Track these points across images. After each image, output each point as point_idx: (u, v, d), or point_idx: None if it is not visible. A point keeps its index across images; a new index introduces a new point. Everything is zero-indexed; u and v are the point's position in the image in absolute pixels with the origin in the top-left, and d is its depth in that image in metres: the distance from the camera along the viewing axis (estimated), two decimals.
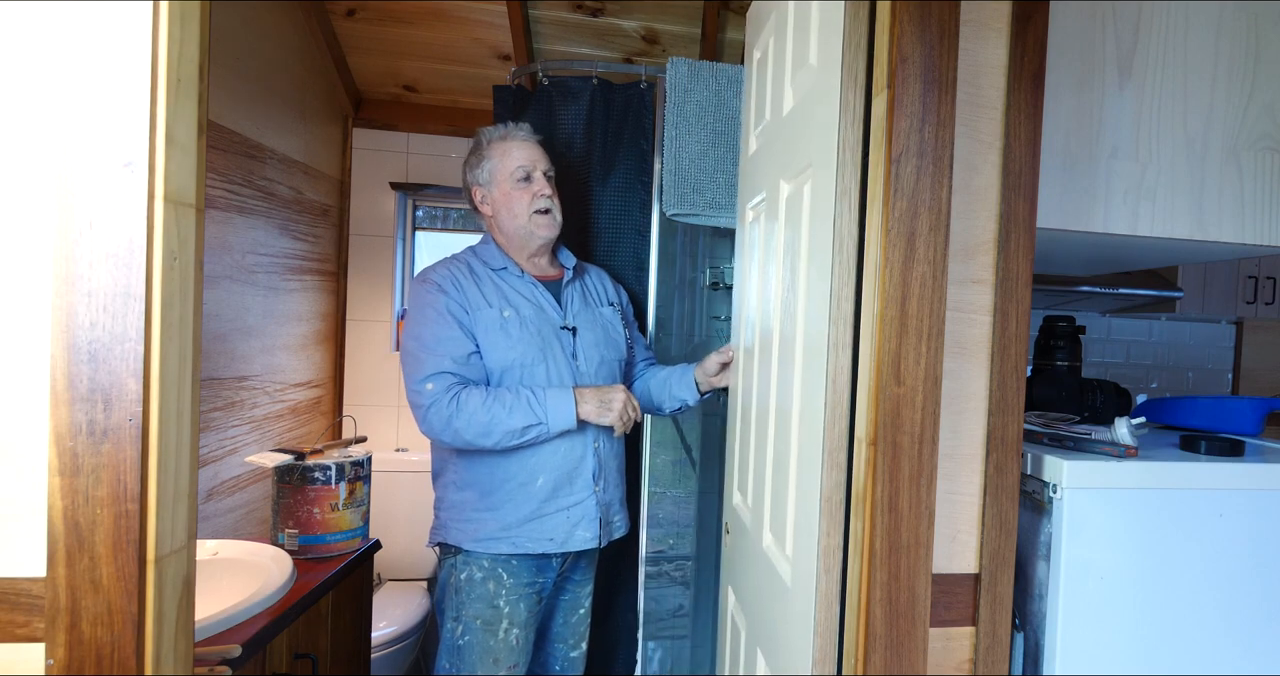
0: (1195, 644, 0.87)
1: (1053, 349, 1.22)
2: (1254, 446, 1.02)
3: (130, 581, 0.63)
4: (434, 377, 1.32)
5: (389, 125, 2.51)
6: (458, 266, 1.43)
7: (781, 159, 1.05)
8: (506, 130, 1.48)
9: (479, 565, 1.39)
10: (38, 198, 0.63)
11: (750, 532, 1.15)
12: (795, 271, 0.94)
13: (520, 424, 1.30)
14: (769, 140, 1.16)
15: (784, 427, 0.97)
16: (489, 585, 1.38)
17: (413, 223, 2.66)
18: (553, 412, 1.32)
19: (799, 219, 0.93)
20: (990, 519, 0.80)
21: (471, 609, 1.38)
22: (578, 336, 1.46)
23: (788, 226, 1.01)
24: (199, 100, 0.68)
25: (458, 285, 1.39)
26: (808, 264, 0.89)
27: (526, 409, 1.31)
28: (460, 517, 1.40)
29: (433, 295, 1.37)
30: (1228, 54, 0.91)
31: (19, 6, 0.63)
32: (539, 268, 1.51)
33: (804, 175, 0.92)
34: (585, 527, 1.42)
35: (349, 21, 2.17)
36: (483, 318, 1.37)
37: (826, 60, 0.84)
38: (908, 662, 0.74)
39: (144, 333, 0.63)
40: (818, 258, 0.83)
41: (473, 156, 1.49)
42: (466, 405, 1.30)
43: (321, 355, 2.38)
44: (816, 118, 0.87)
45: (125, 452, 0.63)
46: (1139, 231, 0.90)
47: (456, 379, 1.33)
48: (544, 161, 1.48)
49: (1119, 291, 2.36)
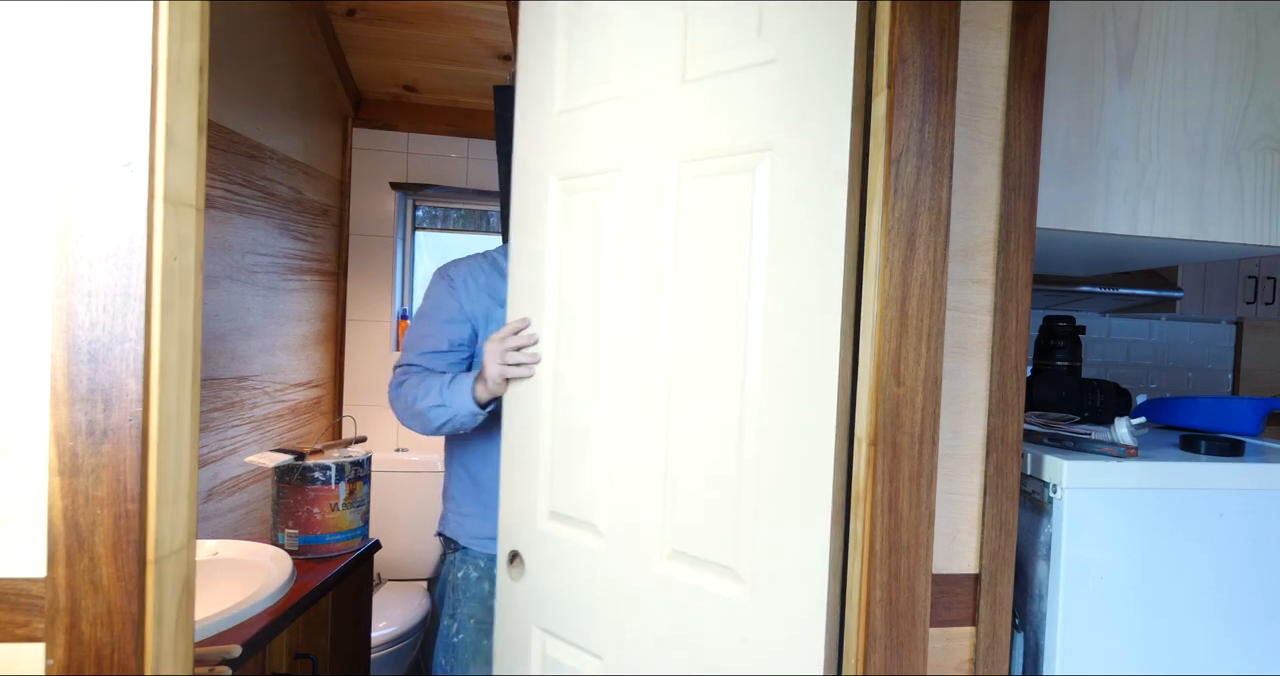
0: (1195, 644, 0.87)
1: (1053, 349, 1.22)
2: (1254, 446, 1.02)
3: (130, 581, 0.63)
4: (402, 366, 1.34)
5: (389, 125, 2.51)
6: (482, 262, 1.42)
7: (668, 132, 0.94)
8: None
9: (475, 564, 1.38)
10: (38, 198, 0.63)
11: (608, 557, 1.01)
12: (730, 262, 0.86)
13: (426, 404, 1.24)
14: (619, 104, 1.01)
15: (717, 432, 0.87)
16: (484, 585, 1.37)
17: (413, 223, 2.66)
18: (453, 394, 1.23)
19: (736, 206, 0.85)
20: (990, 519, 0.80)
21: (467, 607, 1.37)
22: None
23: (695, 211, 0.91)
24: (199, 100, 0.68)
25: (472, 281, 1.37)
26: (772, 258, 0.82)
27: (435, 391, 1.24)
28: (459, 511, 1.40)
29: (439, 289, 1.37)
30: (1228, 54, 0.91)
31: (19, 6, 0.63)
32: None
33: (744, 158, 0.85)
34: None
35: (349, 21, 2.17)
36: (495, 316, 1.35)
37: (803, 44, 0.80)
38: (908, 663, 0.74)
39: (144, 332, 0.63)
40: (798, 254, 0.79)
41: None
42: (404, 389, 1.30)
43: (321, 355, 2.38)
44: (780, 100, 0.81)
45: (125, 452, 0.63)
46: (1139, 231, 0.90)
47: (417, 368, 1.33)
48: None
49: (1119, 291, 2.36)
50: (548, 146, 1.13)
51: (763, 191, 0.84)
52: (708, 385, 0.89)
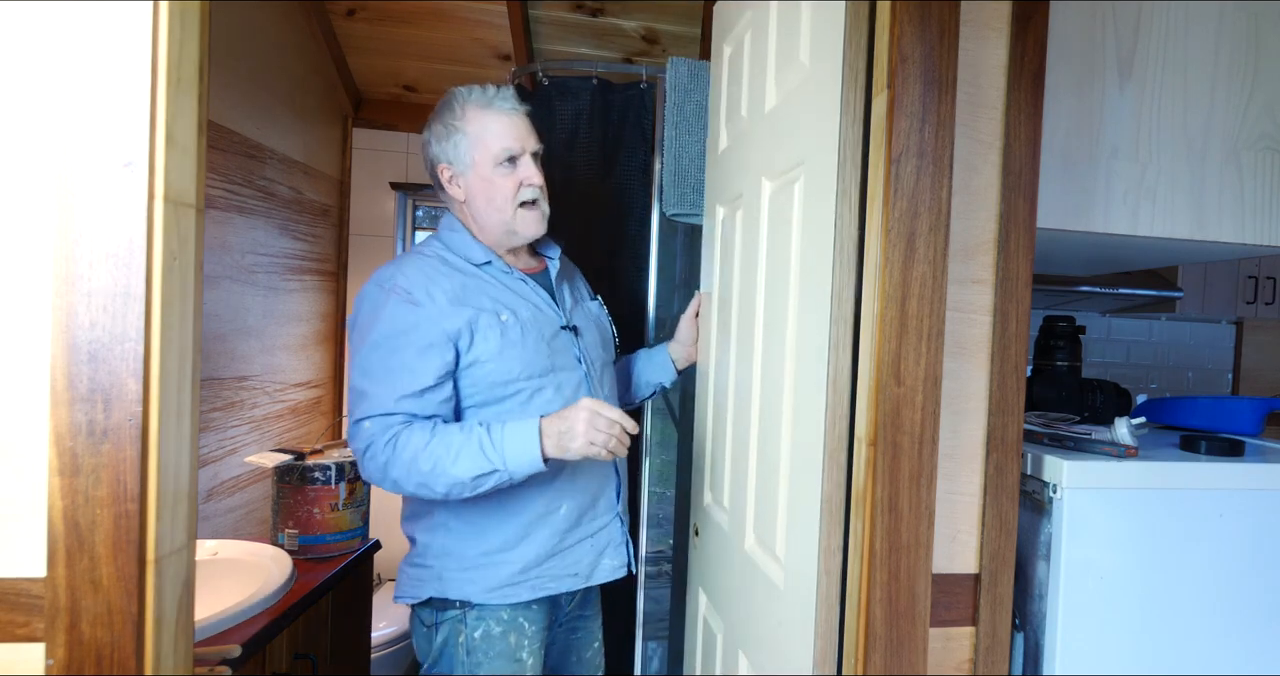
0: (1195, 644, 0.87)
1: (1053, 349, 1.22)
2: (1254, 446, 1.02)
3: (130, 581, 0.63)
4: (375, 418, 1.06)
5: (389, 125, 2.51)
6: (429, 263, 1.16)
7: (763, 156, 1.05)
8: (487, 96, 1.19)
9: (497, 618, 1.15)
10: (38, 198, 0.63)
11: (729, 534, 1.14)
12: (785, 270, 0.94)
13: (469, 474, 1.02)
14: (745, 137, 1.15)
15: (773, 428, 0.96)
16: (510, 638, 1.15)
17: (413, 223, 2.66)
18: (512, 455, 1.03)
19: (788, 217, 0.93)
20: (990, 519, 0.80)
21: (489, 667, 1.14)
22: (580, 337, 1.25)
23: (772, 225, 1.00)
24: (199, 100, 0.68)
25: (436, 290, 1.12)
26: (800, 263, 0.89)
27: (478, 453, 1.03)
28: (463, 566, 1.15)
29: (397, 307, 1.09)
30: (1228, 54, 0.91)
31: (19, 6, 0.63)
32: (521, 261, 1.28)
33: (792, 173, 0.92)
34: (611, 555, 1.24)
35: (349, 21, 2.17)
36: (480, 323, 1.12)
37: (822, 59, 0.84)
38: (908, 663, 0.74)
39: (144, 332, 0.63)
40: (813, 257, 0.83)
41: (439, 124, 1.20)
42: (405, 449, 1.03)
43: (321, 355, 2.38)
44: (809, 116, 0.87)
45: (125, 452, 0.63)
46: (1139, 231, 0.90)
47: (403, 418, 1.06)
48: (533, 140, 1.21)
49: (1119, 291, 2.36)
50: (714, 181, 1.36)
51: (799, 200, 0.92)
52: (774, 383, 0.96)
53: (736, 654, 1.07)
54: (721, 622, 1.17)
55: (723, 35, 1.32)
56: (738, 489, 1.11)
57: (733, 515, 1.13)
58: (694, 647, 1.34)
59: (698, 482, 1.36)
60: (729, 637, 1.13)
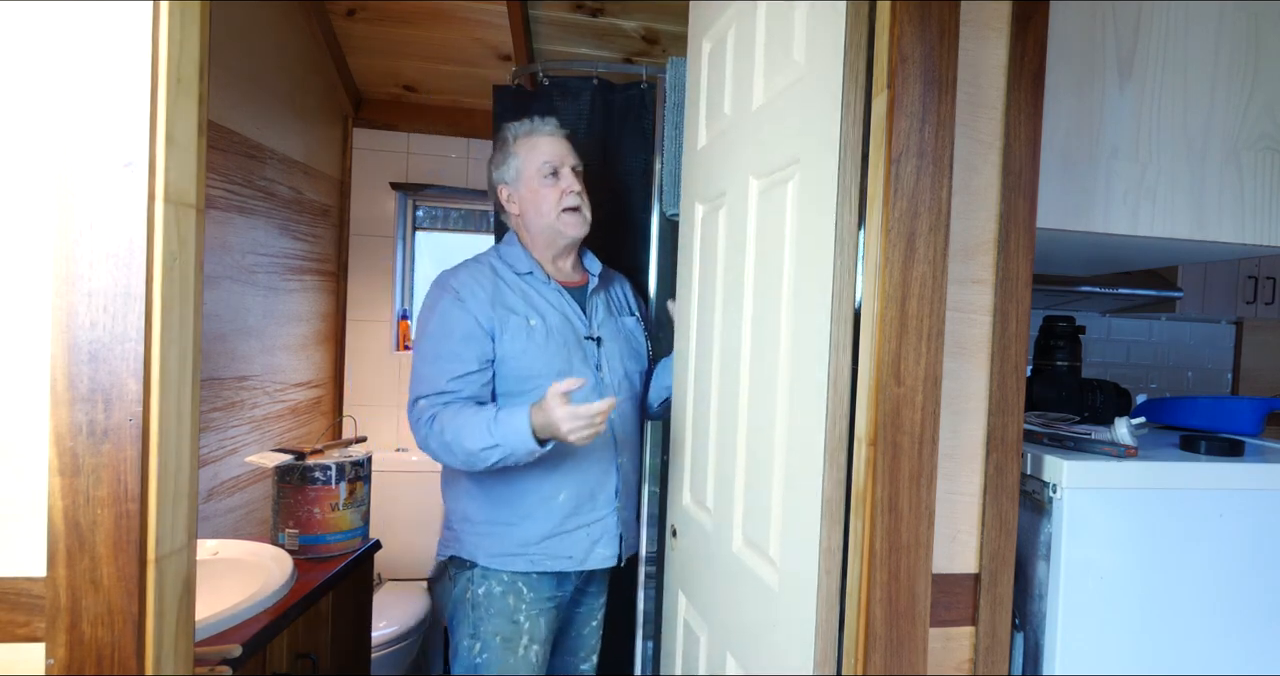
0: (1195, 644, 0.87)
1: (1053, 349, 1.22)
2: (1254, 446, 1.02)
3: (130, 581, 0.63)
4: (428, 397, 1.28)
5: (389, 125, 2.51)
6: (480, 270, 1.38)
7: (750, 154, 1.02)
8: (532, 125, 1.43)
9: (498, 579, 1.34)
10: (38, 198, 0.63)
11: (712, 536, 1.12)
12: (777, 269, 0.92)
13: (477, 445, 1.21)
14: (728, 134, 1.13)
15: (765, 429, 0.95)
16: (509, 599, 1.33)
17: (413, 223, 2.66)
18: (508, 433, 1.21)
19: (780, 217, 0.91)
20: (990, 519, 0.80)
21: (490, 624, 1.32)
22: (602, 347, 1.41)
23: (761, 224, 0.99)
24: (199, 100, 0.69)
25: (479, 290, 1.33)
26: (795, 262, 0.87)
27: (484, 430, 1.21)
28: (475, 531, 1.35)
29: (448, 304, 1.32)
30: (1228, 54, 0.91)
31: (19, 6, 0.63)
32: (563, 273, 1.46)
33: (785, 172, 0.91)
34: (605, 545, 1.39)
35: (349, 21, 2.17)
36: (510, 324, 1.32)
37: (818, 58, 0.83)
38: (908, 663, 0.74)
39: (144, 333, 0.63)
40: (810, 256, 0.83)
41: (498, 154, 1.45)
42: (437, 425, 1.25)
43: (321, 355, 2.38)
44: (804, 115, 0.86)
45: (125, 452, 0.63)
46: (1139, 231, 0.90)
47: (447, 397, 1.28)
48: (572, 157, 1.43)
49: (1119, 291, 2.36)
50: (693, 179, 1.32)
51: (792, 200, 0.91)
52: (765, 383, 0.96)
53: (724, 656, 1.06)
54: (705, 624, 1.16)
55: (701, 31, 1.29)
56: (723, 489, 1.09)
57: (717, 516, 1.11)
58: (673, 650, 1.32)
59: (675, 483, 1.35)
60: (714, 639, 1.11)
